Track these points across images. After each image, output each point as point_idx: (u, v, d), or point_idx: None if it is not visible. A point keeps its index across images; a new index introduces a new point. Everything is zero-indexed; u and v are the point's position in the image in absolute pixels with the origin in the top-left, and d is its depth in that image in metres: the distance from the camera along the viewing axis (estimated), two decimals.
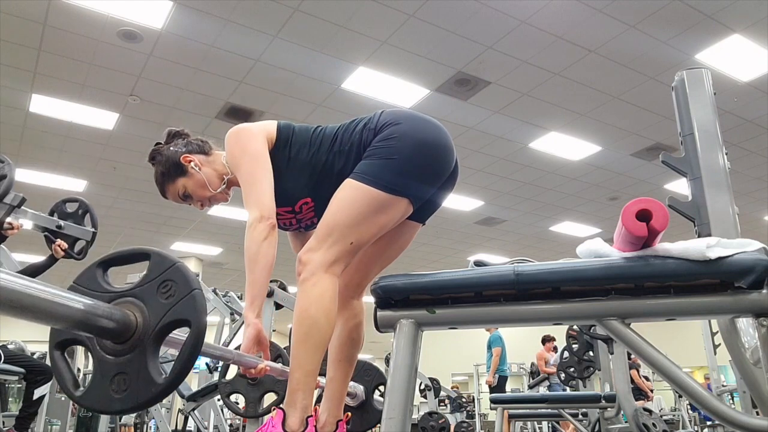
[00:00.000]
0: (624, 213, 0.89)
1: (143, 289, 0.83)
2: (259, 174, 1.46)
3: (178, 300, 0.80)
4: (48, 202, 3.33)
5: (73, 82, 5.33)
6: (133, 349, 0.80)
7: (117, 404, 0.80)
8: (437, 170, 1.49)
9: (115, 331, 0.79)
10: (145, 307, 0.81)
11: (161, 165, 1.62)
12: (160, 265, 0.83)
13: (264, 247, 1.38)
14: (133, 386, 0.79)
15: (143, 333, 0.80)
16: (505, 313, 1.02)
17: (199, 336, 0.79)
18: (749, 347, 1.18)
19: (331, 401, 1.55)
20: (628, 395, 2.91)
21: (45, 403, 4.42)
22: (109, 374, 0.80)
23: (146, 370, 0.79)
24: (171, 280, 0.82)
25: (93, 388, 0.81)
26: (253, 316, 1.38)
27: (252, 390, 2.31)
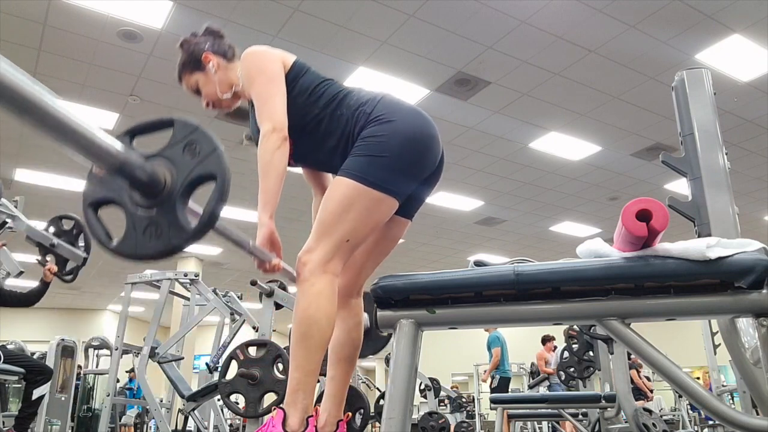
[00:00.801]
0: (624, 213, 0.89)
1: (170, 151, 0.88)
2: (273, 91, 1.51)
3: (204, 157, 0.86)
4: (48, 202, 3.33)
5: (73, 82, 5.33)
6: (163, 203, 0.86)
7: (151, 248, 0.86)
8: (423, 166, 1.52)
9: (147, 184, 0.85)
10: (173, 166, 0.87)
11: (185, 54, 1.70)
12: (185, 129, 0.89)
13: (276, 156, 1.43)
14: (165, 233, 0.85)
15: (172, 188, 0.86)
16: (505, 313, 1.02)
17: (225, 186, 0.85)
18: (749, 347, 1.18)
19: (332, 401, 1.55)
20: (628, 395, 2.91)
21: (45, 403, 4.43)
22: (141, 226, 0.86)
23: (176, 220, 0.85)
24: (196, 141, 0.87)
25: (127, 239, 0.88)
26: (266, 218, 1.42)
27: (252, 390, 2.31)
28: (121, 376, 6.88)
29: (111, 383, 4.05)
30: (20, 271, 3.48)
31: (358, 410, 2.06)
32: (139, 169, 0.84)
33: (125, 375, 8.81)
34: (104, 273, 11.79)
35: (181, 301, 5.33)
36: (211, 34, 1.73)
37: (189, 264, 10.74)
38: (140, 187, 0.86)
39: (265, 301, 2.95)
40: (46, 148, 6.58)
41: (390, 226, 1.59)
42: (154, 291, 4.33)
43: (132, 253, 0.88)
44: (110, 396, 4.00)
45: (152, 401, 3.86)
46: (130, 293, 4.26)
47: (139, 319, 14.22)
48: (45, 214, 8.36)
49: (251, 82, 1.55)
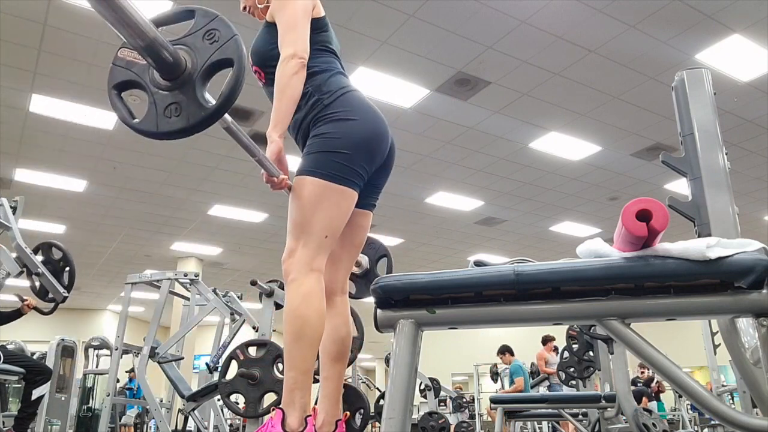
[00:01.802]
0: (624, 213, 0.89)
1: (190, 38, 0.92)
2: (300, 21, 1.56)
3: (223, 43, 0.90)
4: (48, 202, 3.34)
5: (73, 82, 5.33)
6: (183, 84, 0.90)
7: (173, 125, 0.90)
8: (374, 158, 1.58)
9: (170, 65, 0.88)
10: (194, 52, 0.91)
11: None
12: (205, 17, 0.92)
13: (293, 80, 1.48)
14: (185, 111, 0.89)
15: (192, 71, 0.90)
16: (505, 313, 1.02)
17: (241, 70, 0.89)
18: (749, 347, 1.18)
19: (329, 400, 1.55)
20: (628, 395, 2.91)
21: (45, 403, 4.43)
22: (162, 105, 0.90)
23: (196, 99, 0.89)
24: (215, 29, 0.91)
25: (149, 117, 0.91)
26: (276, 135, 1.47)
27: (252, 390, 2.31)
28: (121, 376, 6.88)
29: (111, 383, 4.05)
30: (20, 271, 3.48)
31: (358, 410, 2.06)
32: (164, 49, 0.87)
33: (125, 375, 8.82)
34: (104, 273, 11.79)
35: (181, 301, 5.33)
36: None
37: (189, 264, 10.74)
38: (163, 68, 0.89)
39: (265, 301, 2.95)
40: (46, 148, 6.58)
41: (355, 217, 1.63)
42: (154, 291, 4.33)
43: (154, 131, 0.91)
44: (110, 396, 4.00)
45: (152, 401, 3.86)
46: (130, 293, 4.26)
47: (139, 319, 14.23)
48: (45, 215, 8.40)
49: (282, 7, 1.59)
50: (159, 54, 0.86)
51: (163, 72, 0.90)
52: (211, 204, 8.38)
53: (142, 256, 10.71)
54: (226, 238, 9.86)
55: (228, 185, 7.65)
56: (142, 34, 0.83)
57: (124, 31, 0.81)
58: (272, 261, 11.02)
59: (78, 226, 9.05)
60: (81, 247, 9.65)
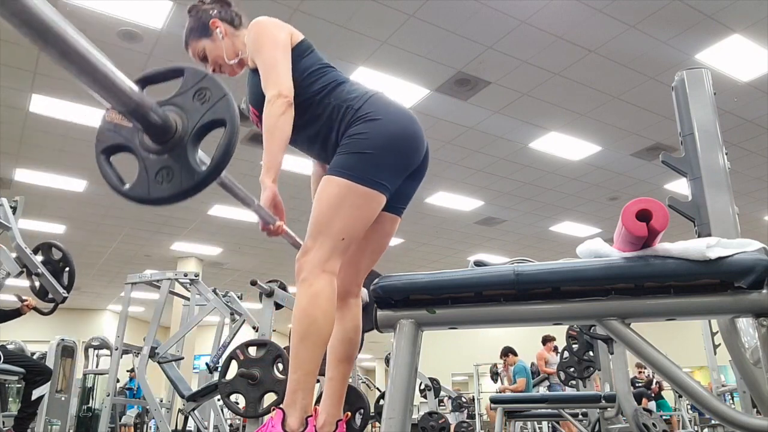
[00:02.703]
0: (624, 213, 0.89)
1: (180, 98, 0.90)
2: (280, 58, 1.53)
3: (213, 104, 0.88)
4: (48, 202, 3.34)
5: (73, 82, 5.31)
6: (174, 148, 0.88)
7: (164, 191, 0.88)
8: (408, 163, 1.54)
9: (159, 128, 0.87)
10: (184, 113, 0.89)
11: (193, 20, 1.73)
12: (195, 77, 0.91)
13: (281, 121, 1.46)
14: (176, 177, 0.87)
15: (183, 133, 0.88)
16: (505, 313, 1.02)
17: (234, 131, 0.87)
18: (749, 347, 1.18)
19: (331, 401, 1.55)
20: (628, 395, 2.91)
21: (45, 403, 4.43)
22: (153, 170, 0.89)
23: (188, 163, 0.87)
24: (205, 88, 0.89)
25: (139, 183, 0.90)
26: (269, 181, 1.44)
27: (252, 390, 2.31)
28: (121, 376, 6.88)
29: (111, 383, 4.05)
30: (20, 271, 3.48)
31: (358, 410, 2.06)
32: (152, 112, 0.85)
33: (126, 375, 8.82)
34: (104, 273, 11.79)
35: (181, 301, 5.33)
36: (219, 1, 1.76)
37: (189, 264, 10.74)
38: (152, 132, 0.88)
39: (265, 301, 2.95)
40: (46, 148, 6.58)
41: (381, 222, 1.60)
42: (154, 291, 4.33)
43: (144, 197, 0.90)
44: (110, 396, 4.00)
45: (152, 401, 3.86)
46: (130, 293, 4.26)
47: (139, 319, 14.22)
48: (44, 214, 8.40)
49: (259, 48, 1.57)
50: (146, 118, 0.85)
51: (152, 135, 0.88)
52: (211, 204, 8.38)
53: (142, 256, 10.71)
54: (226, 238, 9.86)
55: None
56: (127, 100, 0.81)
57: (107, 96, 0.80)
58: (272, 261, 11.02)
59: (78, 226, 9.05)
60: (81, 247, 9.64)
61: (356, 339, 1.62)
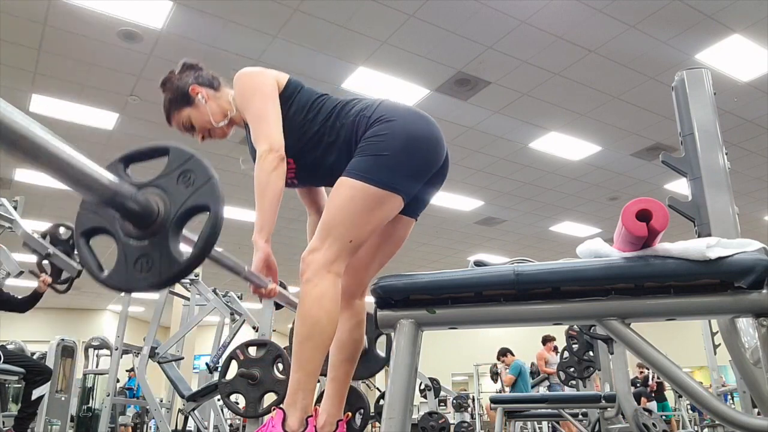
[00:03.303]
0: (624, 213, 0.89)
1: (163, 180, 0.87)
2: (269, 110, 1.49)
3: (198, 188, 0.84)
4: (48, 202, 3.33)
5: (73, 82, 5.33)
6: (155, 234, 0.84)
7: (142, 281, 0.84)
8: (427, 165, 1.51)
9: (139, 215, 0.84)
10: (166, 196, 0.86)
11: (170, 92, 1.66)
12: (180, 157, 0.87)
13: (273, 177, 1.42)
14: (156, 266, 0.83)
15: (165, 218, 0.84)
16: (505, 313, 1.02)
17: (218, 218, 0.84)
18: (749, 347, 1.18)
19: (332, 401, 1.55)
20: (628, 395, 2.91)
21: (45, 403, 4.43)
22: (132, 257, 0.85)
23: (168, 252, 0.83)
24: (190, 171, 0.86)
25: (117, 271, 0.86)
26: (262, 242, 1.42)
27: (252, 390, 2.31)
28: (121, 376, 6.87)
29: (111, 383, 4.05)
30: (20, 271, 3.48)
31: (358, 410, 2.06)
32: (130, 200, 0.82)
33: (125, 375, 8.81)
34: None
35: (181, 301, 5.33)
36: (191, 67, 1.69)
37: None
38: (132, 218, 0.84)
39: (265, 301, 2.95)
40: None
41: (395, 226, 1.58)
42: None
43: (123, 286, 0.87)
44: (110, 396, 4.00)
45: (152, 401, 3.86)
46: (131, 293, 4.26)
47: (139, 319, 14.21)
48: (44, 214, 8.41)
49: (246, 103, 1.53)
50: (124, 206, 0.82)
51: (132, 222, 0.85)
52: None
53: None
54: (226, 238, 9.78)
55: (228, 185, 7.65)
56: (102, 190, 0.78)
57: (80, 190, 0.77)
58: None
59: None
60: None
61: (360, 339, 1.62)
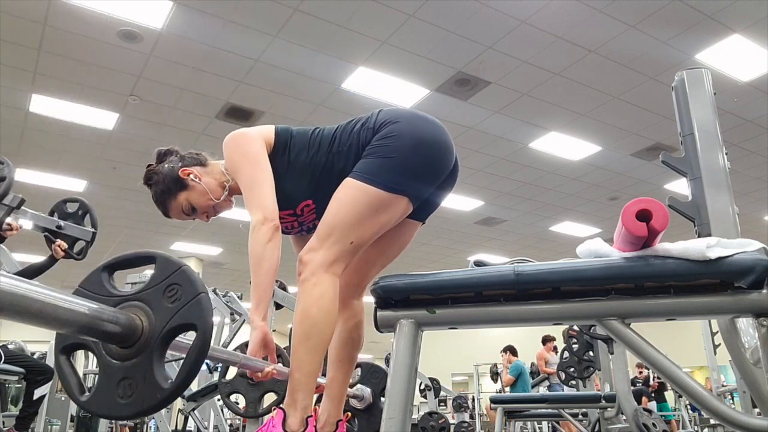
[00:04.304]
0: (624, 213, 0.89)
1: (149, 293, 0.82)
2: (259, 177, 1.45)
3: (184, 304, 0.79)
4: (48, 202, 3.33)
5: (73, 82, 5.33)
6: (138, 354, 0.79)
7: (123, 409, 0.79)
8: (436, 168, 1.48)
9: (120, 336, 0.78)
10: (151, 311, 0.81)
11: (160, 184, 1.59)
12: (166, 269, 0.82)
13: (268, 250, 1.37)
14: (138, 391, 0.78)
15: (149, 337, 0.79)
16: (505, 313, 1.02)
17: (205, 340, 0.79)
18: (749, 347, 1.18)
19: (332, 401, 1.55)
20: (628, 395, 2.91)
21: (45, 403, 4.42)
22: (114, 379, 0.79)
23: (152, 375, 0.78)
24: (177, 284, 0.81)
25: (98, 393, 0.80)
26: (259, 320, 1.37)
27: (252, 390, 2.31)
28: None
29: None
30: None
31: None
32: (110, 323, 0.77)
33: None
34: None
35: None
36: (169, 153, 1.64)
37: (189, 264, 10.71)
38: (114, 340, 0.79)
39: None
40: (46, 148, 6.58)
41: (402, 229, 1.57)
42: None
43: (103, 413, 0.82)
44: None
45: None
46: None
47: None
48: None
49: (236, 170, 1.50)
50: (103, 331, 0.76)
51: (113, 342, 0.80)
52: None
53: None
54: (226, 238, 9.86)
55: None
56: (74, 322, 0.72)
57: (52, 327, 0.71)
58: None
59: None
60: None
61: (358, 339, 1.62)
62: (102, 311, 0.77)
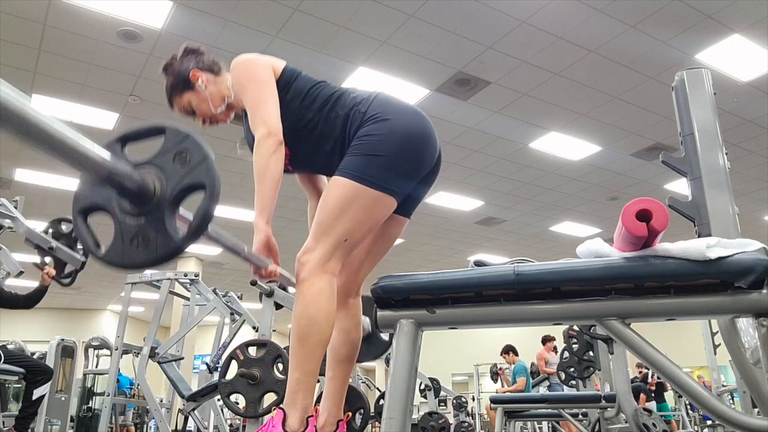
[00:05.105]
0: (624, 213, 0.89)
1: (160, 159, 0.88)
2: (265, 97, 1.50)
3: (194, 167, 0.86)
4: (48, 202, 3.32)
5: (73, 82, 5.33)
6: (151, 212, 0.86)
7: (138, 257, 0.86)
8: (421, 164, 1.51)
9: (135, 193, 0.85)
10: (163, 174, 0.87)
11: (171, 78, 1.68)
12: (176, 137, 0.88)
13: (272, 161, 1.42)
14: (152, 242, 0.85)
15: (161, 197, 0.86)
16: (505, 313, 1.02)
17: (213, 196, 0.86)
18: (749, 347, 1.18)
19: (332, 401, 1.55)
20: (628, 395, 2.91)
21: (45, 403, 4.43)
22: (129, 234, 0.86)
23: (165, 229, 0.85)
24: (186, 150, 0.87)
25: (115, 247, 0.87)
26: (263, 223, 1.42)
27: (252, 390, 2.31)
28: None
29: (111, 383, 4.05)
30: (20, 271, 3.48)
31: (359, 410, 2.06)
32: (127, 178, 0.83)
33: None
34: (104, 273, 11.78)
35: (181, 301, 5.33)
36: (192, 52, 1.71)
37: (189, 264, 10.73)
38: (129, 196, 0.86)
39: (265, 301, 2.95)
40: None
41: (388, 225, 1.59)
42: (154, 291, 4.33)
43: (119, 263, 0.87)
44: (110, 396, 4.00)
45: (152, 401, 3.86)
46: (130, 293, 4.26)
47: (139, 319, 14.21)
48: (44, 214, 8.37)
49: (243, 89, 1.54)
50: (121, 185, 0.84)
51: (128, 199, 0.87)
52: None
53: None
54: None
55: (228, 185, 7.65)
56: (99, 169, 0.80)
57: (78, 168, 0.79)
58: None
59: None
60: None
61: (356, 339, 1.62)
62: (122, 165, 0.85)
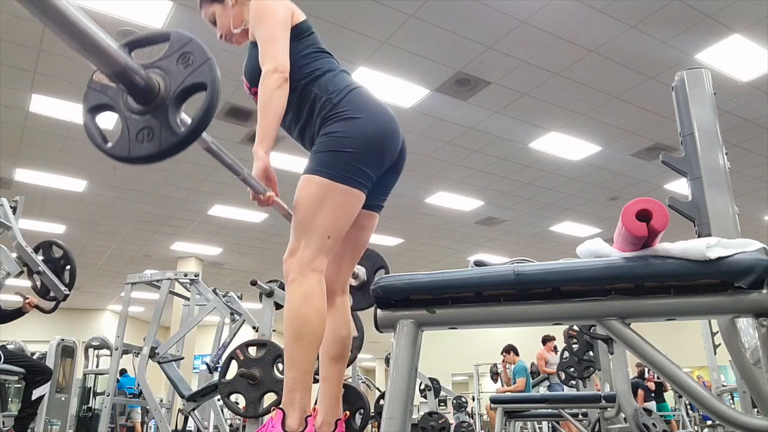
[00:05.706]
0: (624, 213, 0.89)
1: (165, 60, 0.92)
2: (278, 34, 1.54)
3: (196, 68, 0.90)
4: (48, 202, 3.33)
5: (73, 82, 5.33)
6: (156, 109, 0.90)
7: (144, 150, 0.90)
8: (384, 159, 1.56)
9: (143, 90, 0.89)
10: (167, 75, 0.91)
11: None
12: (180, 41, 0.92)
13: (276, 95, 1.46)
14: (157, 136, 0.90)
15: (165, 95, 0.90)
16: (505, 313, 1.02)
17: (215, 94, 0.89)
18: (749, 347, 1.18)
19: (328, 400, 1.55)
20: (628, 395, 2.91)
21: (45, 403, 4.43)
22: (135, 129, 0.91)
23: (168, 125, 0.89)
24: (189, 52, 0.91)
25: (121, 141, 0.92)
26: (262, 152, 1.45)
27: (252, 390, 2.31)
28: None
29: (111, 383, 4.05)
30: (20, 271, 3.48)
31: (358, 410, 2.06)
32: (136, 75, 0.88)
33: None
34: (104, 273, 11.79)
35: (181, 301, 5.33)
36: None
37: (189, 264, 10.74)
38: (136, 93, 0.90)
39: (265, 301, 2.95)
40: (46, 148, 6.58)
41: (360, 218, 1.61)
42: (154, 291, 4.33)
43: (125, 156, 0.92)
44: (110, 396, 4.00)
45: (152, 401, 3.86)
46: (130, 293, 4.26)
47: (139, 319, 14.22)
48: (44, 214, 8.40)
49: (259, 22, 1.57)
50: (130, 80, 0.88)
51: (135, 96, 0.91)
52: (211, 204, 8.38)
53: (142, 256, 10.71)
54: (226, 238, 9.86)
55: (228, 185, 7.64)
56: (112, 62, 0.84)
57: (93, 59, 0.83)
58: (272, 261, 11.02)
59: (78, 226, 9.05)
60: (81, 247, 9.64)
61: (347, 337, 1.62)
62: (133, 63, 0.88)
